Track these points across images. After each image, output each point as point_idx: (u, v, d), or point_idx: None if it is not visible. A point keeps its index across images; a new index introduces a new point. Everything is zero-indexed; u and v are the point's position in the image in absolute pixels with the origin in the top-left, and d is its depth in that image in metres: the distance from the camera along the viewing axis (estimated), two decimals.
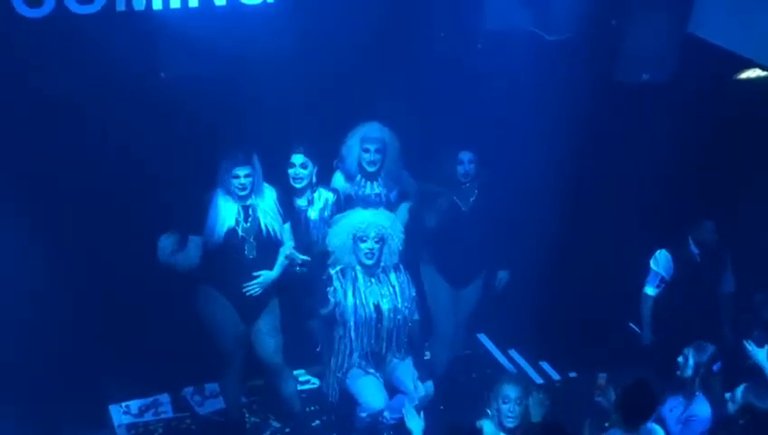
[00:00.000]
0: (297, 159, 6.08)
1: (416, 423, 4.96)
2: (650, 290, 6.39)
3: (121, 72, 5.95)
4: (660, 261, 6.32)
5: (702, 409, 5.17)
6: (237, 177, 5.61)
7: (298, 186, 6.12)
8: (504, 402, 5.02)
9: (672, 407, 5.19)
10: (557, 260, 6.94)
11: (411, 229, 6.10)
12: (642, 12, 6.84)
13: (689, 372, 5.13)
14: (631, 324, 6.78)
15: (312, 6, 6.36)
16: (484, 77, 6.78)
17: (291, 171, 6.09)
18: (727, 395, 5.15)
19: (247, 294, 5.76)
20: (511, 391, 5.03)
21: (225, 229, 5.66)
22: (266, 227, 5.76)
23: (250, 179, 5.64)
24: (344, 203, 6.21)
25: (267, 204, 5.79)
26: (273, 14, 6.22)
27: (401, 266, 5.83)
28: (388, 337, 5.80)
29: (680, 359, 5.17)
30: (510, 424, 5.03)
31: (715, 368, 5.14)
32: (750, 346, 5.32)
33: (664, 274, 6.32)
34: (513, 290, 6.66)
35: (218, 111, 6.21)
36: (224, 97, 6.24)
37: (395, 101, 6.49)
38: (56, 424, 6.12)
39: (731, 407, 5.11)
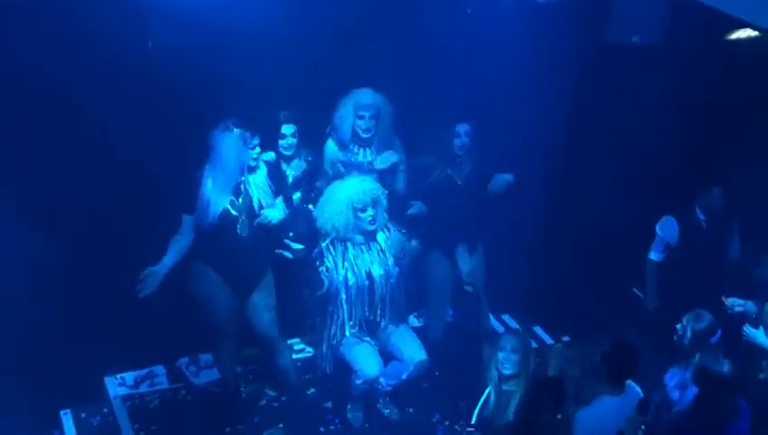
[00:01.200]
0: (288, 129, 6.06)
1: None
2: (654, 256, 6.41)
3: (109, 42, 5.88)
4: (666, 227, 6.32)
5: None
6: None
7: (289, 153, 6.12)
8: (501, 350, 5.24)
9: (673, 374, 5.21)
10: (556, 226, 6.94)
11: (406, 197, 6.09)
12: None
13: (686, 340, 5.14)
14: (635, 290, 6.77)
15: None
16: (475, 42, 6.73)
17: (282, 142, 6.07)
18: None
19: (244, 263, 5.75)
20: (507, 341, 5.27)
21: (218, 207, 5.61)
22: (258, 204, 5.73)
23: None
24: (331, 170, 6.20)
25: (259, 179, 5.76)
26: None
27: (389, 224, 5.83)
28: (382, 303, 5.81)
29: (678, 326, 5.19)
30: (507, 371, 5.24)
31: (713, 339, 5.14)
32: (748, 329, 5.32)
33: (669, 239, 6.32)
34: (508, 256, 6.66)
35: (207, 83, 6.15)
36: (213, 67, 6.18)
37: (384, 68, 6.44)
38: (52, 396, 6.13)
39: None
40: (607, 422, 4.90)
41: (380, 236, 5.79)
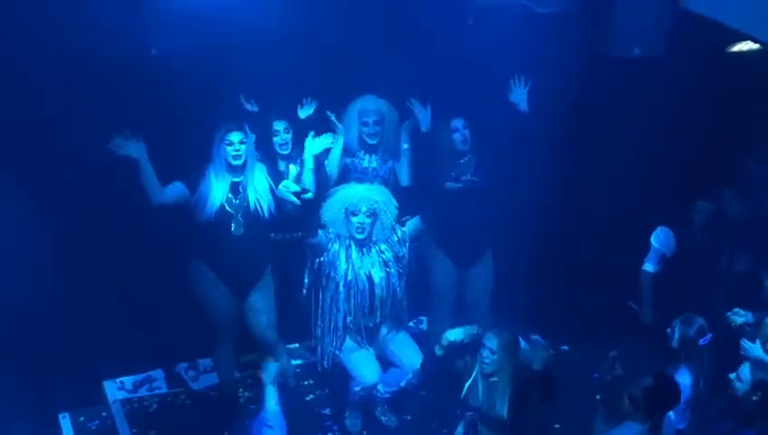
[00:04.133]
0: (280, 124, 6.09)
1: None
2: (650, 267, 6.33)
3: (111, 44, 5.92)
4: (662, 238, 6.27)
5: (682, 379, 5.19)
6: (231, 143, 5.60)
7: (285, 152, 6.13)
8: (483, 347, 5.27)
9: None
10: (553, 234, 6.95)
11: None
12: None
13: (675, 343, 5.15)
14: (630, 304, 6.76)
15: None
16: (477, 52, 6.76)
17: (276, 139, 6.09)
18: (731, 376, 5.14)
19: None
20: (488, 340, 5.26)
21: (215, 206, 5.66)
22: (255, 204, 5.75)
23: (244, 146, 5.62)
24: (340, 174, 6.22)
25: (258, 181, 5.77)
26: None
27: (393, 235, 5.84)
28: (382, 308, 5.81)
29: (668, 330, 5.20)
30: (485, 370, 5.26)
31: (702, 341, 5.15)
32: (744, 343, 5.34)
33: (666, 251, 6.27)
34: (506, 264, 6.67)
35: (211, 86, 6.18)
36: (216, 72, 6.22)
37: (387, 77, 6.47)
38: (51, 400, 6.13)
39: (738, 386, 5.10)
40: None
41: (383, 247, 5.80)
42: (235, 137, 5.61)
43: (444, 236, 6.33)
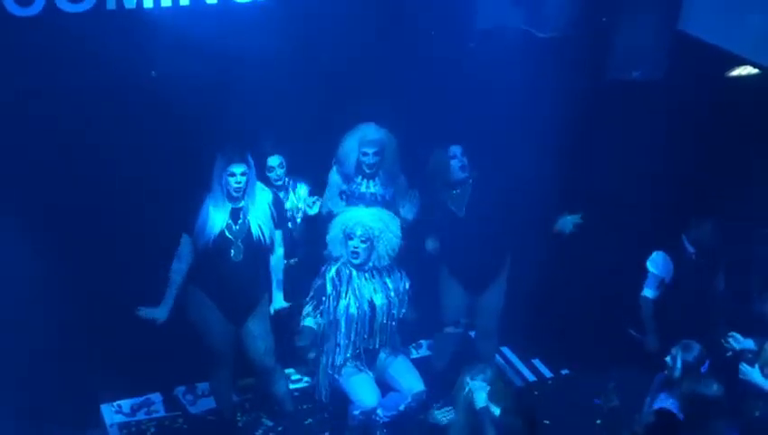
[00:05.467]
0: (274, 160, 6.13)
1: None
2: (649, 293, 6.22)
3: (113, 71, 5.95)
4: (659, 262, 6.18)
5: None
6: (233, 175, 5.57)
7: (279, 184, 6.18)
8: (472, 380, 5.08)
9: (660, 401, 5.17)
10: (550, 260, 6.94)
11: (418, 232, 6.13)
12: (633, 9, 6.86)
13: (677, 372, 5.11)
14: (631, 332, 6.66)
15: (304, 5, 6.36)
16: (477, 75, 6.78)
17: (271, 175, 6.14)
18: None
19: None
20: (478, 373, 5.09)
21: (214, 231, 5.64)
22: (257, 231, 5.74)
23: (245, 178, 5.60)
24: (343, 199, 6.26)
25: (260, 207, 5.77)
26: (264, 13, 6.22)
27: (395, 268, 5.83)
28: (382, 333, 5.80)
29: (668, 359, 5.16)
30: (477, 404, 5.03)
31: (702, 369, 5.12)
32: (743, 367, 5.30)
33: (664, 276, 6.18)
34: (508, 289, 6.66)
35: (210, 111, 6.21)
36: (216, 96, 6.24)
37: (388, 101, 6.49)
38: (48, 424, 6.10)
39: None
40: None
41: (383, 274, 5.80)
42: (237, 169, 5.57)
43: (451, 262, 6.32)
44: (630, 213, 6.93)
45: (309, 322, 5.72)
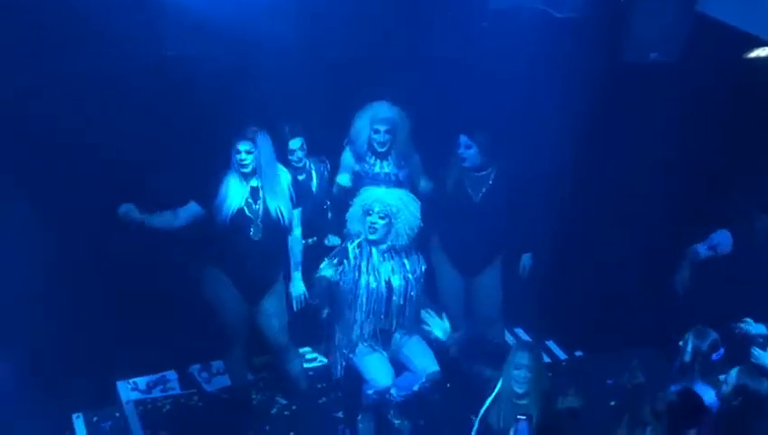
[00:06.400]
0: (295, 143, 6.13)
1: None
2: (701, 249, 6.09)
3: (129, 51, 5.95)
4: (722, 236, 6.08)
5: (705, 395, 5.14)
6: (239, 152, 5.65)
7: (300, 165, 6.20)
8: (513, 364, 5.10)
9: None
10: (571, 240, 6.93)
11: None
12: None
13: (688, 357, 5.11)
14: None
15: None
16: (490, 57, 6.75)
17: (293, 157, 6.14)
18: (722, 377, 5.10)
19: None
20: (520, 356, 5.11)
21: (232, 209, 5.69)
22: (275, 210, 5.77)
23: (251, 156, 5.65)
24: (354, 180, 6.24)
25: (279, 187, 5.79)
26: None
27: (413, 250, 5.84)
28: (398, 313, 5.81)
29: (681, 343, 5.16)
30: (519, 390, 5.10)
31: (714, 357, 5.11)
32: (755, 351, 5.28)
33: (722, 247, 6.07)
34: (521, 269, 6.66)
35: (227, 91, 6.21)
36: (231, 77, 6.24)
37: (401, 82, 6.46)
38: (65, 400, 6.16)
39: (724, 388, 5.06)
40: None
41: (402, 255, 5.80)
42: (242, 146, 5.65)
43: (450, 244, 6.31)
44: (644, 196, 6.91)
45: (326, 271, 5.68)
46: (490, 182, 6.25)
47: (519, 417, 4.82)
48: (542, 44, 6.63)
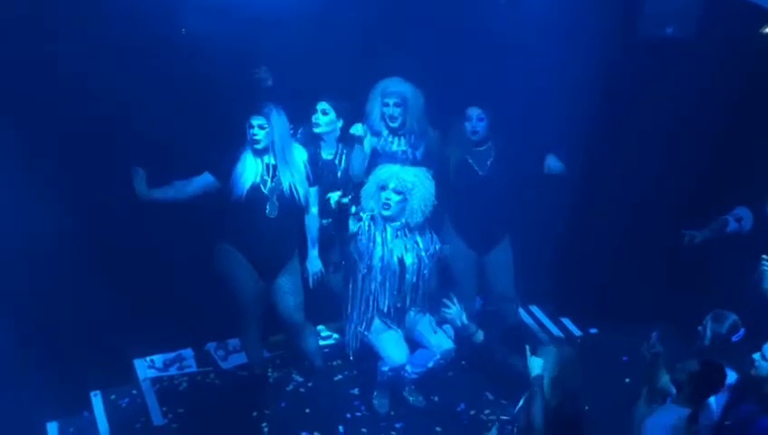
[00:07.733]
0: (320, 105, 6.10)
1: None
2: (732, 222, 6.07)
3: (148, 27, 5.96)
4: (744, 213, 6.07)
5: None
6: (252, 126, 5.66)
7: (315, 130, 6.13)
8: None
9: None
10: (584, 217, 6.91)
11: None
12: None
13: (707, 341, 5.09)
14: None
15: None
16: (507, 32, 6.70)
17: (313, 117, 6.10)
18: (755, 355, 5.07)
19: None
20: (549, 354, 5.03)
21: (248, 185, 5.70)
22: (290, 187, 5.77)
23: (264, 131, 5.66)
24: (371, 157, 6.22)
25: (294, 165, 5.79)
26: None
27: (427, 229, 5.83)
28: (412, 291, 5.82)
29: (699, 328, 5.14)
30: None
31: (735, 338, 5.08)
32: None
33: (744, 223, 6.06)
34: (536, 246, 6.64)
35: (245, 68, 6.20)
36: (248, 54, 6.23)
37: (413, 56, 6.43)
38: (83, 377, 6.21)
39: (764, 365, 5.00)
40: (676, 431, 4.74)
41: (416, 233, 5.80)
42: (255, 120, 5.66)
43: (460, 221, 6.31)
44: (660, 172, 6.87)
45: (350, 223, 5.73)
46: (493, 154, 6.23)
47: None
48: (557, 19, 6.58)
